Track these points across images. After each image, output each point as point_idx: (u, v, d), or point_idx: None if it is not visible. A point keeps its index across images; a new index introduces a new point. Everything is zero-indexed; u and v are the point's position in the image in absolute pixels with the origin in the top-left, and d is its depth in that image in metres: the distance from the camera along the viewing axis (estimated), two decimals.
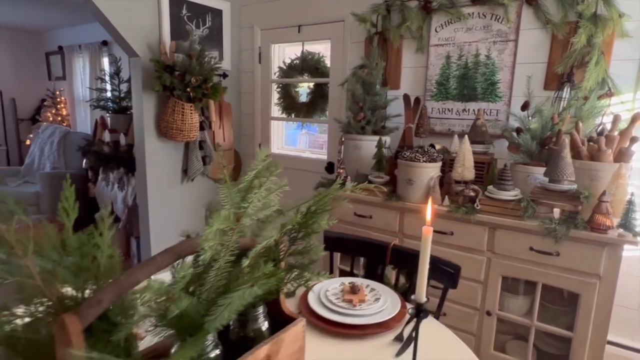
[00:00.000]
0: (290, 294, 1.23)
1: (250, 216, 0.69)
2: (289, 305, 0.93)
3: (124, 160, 3.61)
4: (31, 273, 0.53)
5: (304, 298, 1.19)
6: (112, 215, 0.63)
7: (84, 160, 4.25)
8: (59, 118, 5.41)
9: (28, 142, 5.44)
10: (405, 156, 2.10)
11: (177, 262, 0.67)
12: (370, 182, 2.27)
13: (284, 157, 3.36)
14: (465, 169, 2.02)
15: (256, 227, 0.82)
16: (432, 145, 2.24)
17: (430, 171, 2.06)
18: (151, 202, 2.95)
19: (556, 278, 1.76)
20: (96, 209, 4.09)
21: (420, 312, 0.84)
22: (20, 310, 0.54)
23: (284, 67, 3.26)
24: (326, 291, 1.21)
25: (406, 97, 2.45)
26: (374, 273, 1.47)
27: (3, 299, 0.53)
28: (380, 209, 2.20)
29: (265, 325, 0.85)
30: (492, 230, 1.89)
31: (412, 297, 0.85)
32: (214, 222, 0.61)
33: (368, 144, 2.37)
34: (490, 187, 1.95)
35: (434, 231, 2.02)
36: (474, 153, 2.06)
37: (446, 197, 2.05)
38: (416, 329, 0.84)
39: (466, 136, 2.05)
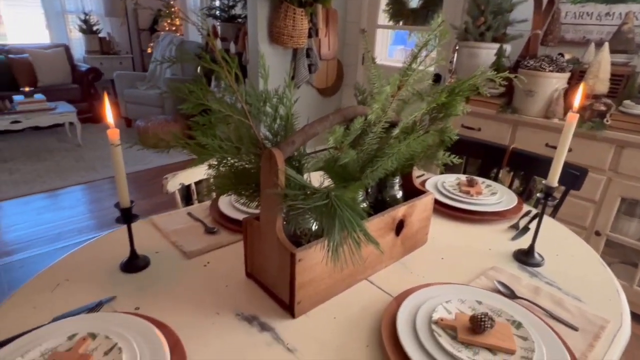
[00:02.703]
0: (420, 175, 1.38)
1: (409, 86, 0.77)
2: None
3: None
4: (246, 114, 0.69)
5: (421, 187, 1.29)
6: None
7: (199, 67, 4.63)
8: (174, 28, 5.82)
9: (149, 50, 6.01)
10: (528, 65, 1.96)
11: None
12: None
13: (388, 69, 3.31)
14: (598, 80, 1.85)
15: (399, 107, 0.91)
16: (561, 55, 2.04)
17: (556, 82, 1.92)
18: None
19: None
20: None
21: (549, 196, 0.89)
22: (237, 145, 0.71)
23: None
24: (443, 183, 1.29)
25: None
26: (487, 175, 1.51)
27: (227, 135, 0.70)
28: (491, 122, 2.14)
29: (399, 194, 0.97)
30: (620, 148, 1.76)
31: (544, 181, 0.89)
32: (386, 87, 0.71)
33: (485, 52, 2.23)
34: (626, 102, 1.77)
35: (550, 146, 1.94)
36: (612, 64, 1.85)
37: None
38: (543, 208, 0.90)
39: (606, 44, 1.83)
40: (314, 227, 0.77)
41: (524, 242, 1.03)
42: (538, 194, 0.90)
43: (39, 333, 0.63)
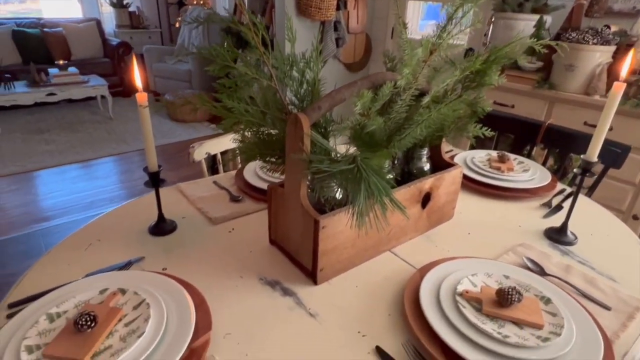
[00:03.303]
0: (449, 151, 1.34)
1: (442, 51, 0.74)
2: None
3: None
4: (272, 78, 0.68)
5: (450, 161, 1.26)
6: None
7: (226, 42, 4.62)
8: (202, 1, 5.79)
9: (177, 24, 6.03)
10: (570, 37, 1.84)
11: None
12: (520, 67, 2.08)
13: (418, 43, 3.20)
14: None
15: (430, 75, 0.87)
16: (607, 26, 1.91)
17: (600, 56, 1.80)
18: None
19: None
20: None
21: (587, 171, 0.84)
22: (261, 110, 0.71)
23: None
24: (472, 158, 1.25)
25: None
26: (520, 152, 1.45)
27: (254, 99, 0.69)
28: (526, 98, 2.05)
29: (427, 166, 0.95)
30: None
31: (582, 156, 0.85)
32: (417, 50, 0.68)
33: (524, 24, 2.11)
34: None
35: (589, 124, 1.85)
36: None
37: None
38: (580, 184, 0.85)
39: None
40: (338, 195, 0.76)
41: (556, 221, 0.99)
42: (575, 170, 0.85)
43: (73, 287, 0.66)
